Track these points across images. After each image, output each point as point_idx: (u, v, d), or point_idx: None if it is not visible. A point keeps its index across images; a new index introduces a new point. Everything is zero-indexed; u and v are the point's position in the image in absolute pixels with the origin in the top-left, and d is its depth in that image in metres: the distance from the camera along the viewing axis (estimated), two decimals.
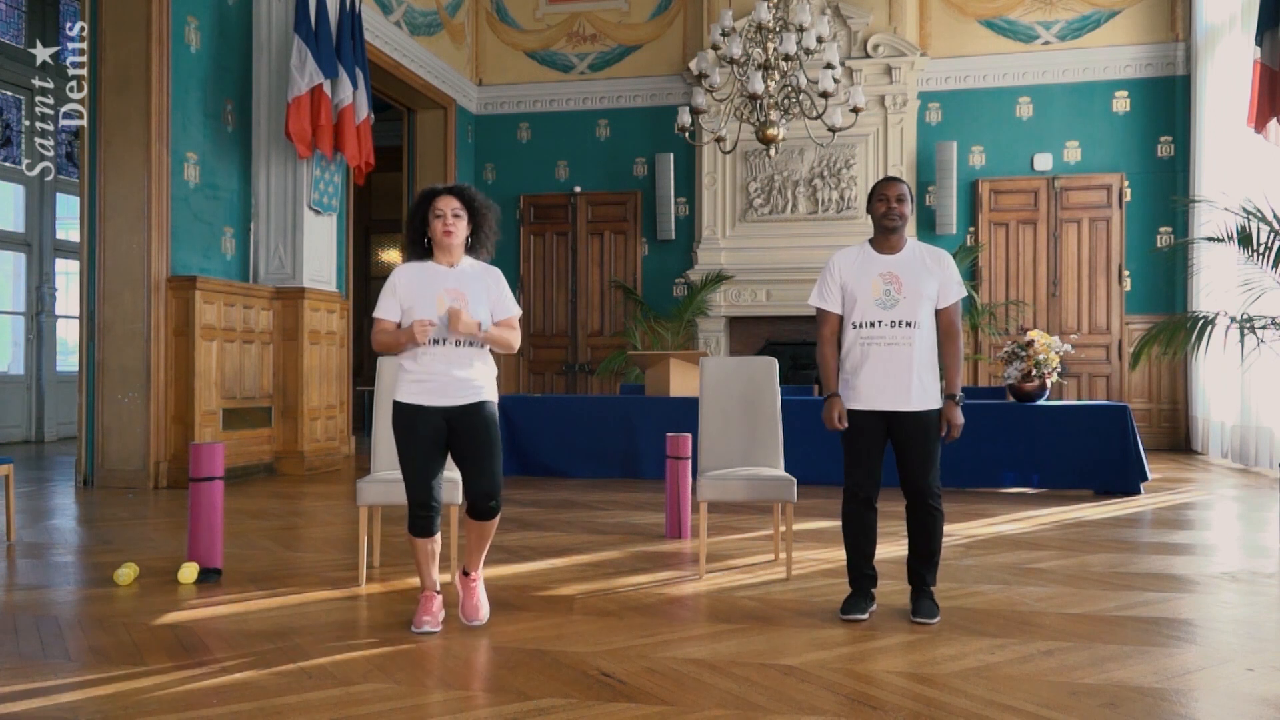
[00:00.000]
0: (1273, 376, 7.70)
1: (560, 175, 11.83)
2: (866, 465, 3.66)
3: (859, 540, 3.72)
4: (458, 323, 3.32)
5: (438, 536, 3.51)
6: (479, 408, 3.46)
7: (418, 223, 3.47)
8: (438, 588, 3.57)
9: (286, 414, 8.16)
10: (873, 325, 3.61)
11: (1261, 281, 6.23)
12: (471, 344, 3.44)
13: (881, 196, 3.66)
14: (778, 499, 4.26)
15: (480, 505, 3.46)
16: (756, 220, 10.92)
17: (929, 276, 3.62)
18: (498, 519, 3.56)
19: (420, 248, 3.50)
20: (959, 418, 3.61)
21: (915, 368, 3.59)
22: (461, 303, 3.38)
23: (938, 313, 3.67)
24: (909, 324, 3.59)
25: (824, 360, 3.75)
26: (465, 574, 3.60)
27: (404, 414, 3.45)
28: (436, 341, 3.40)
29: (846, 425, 3.66)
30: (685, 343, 10.95)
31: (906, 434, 3.61)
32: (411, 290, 3.43)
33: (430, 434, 3.42)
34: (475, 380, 3.45)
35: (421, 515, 3.43)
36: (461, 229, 3.44)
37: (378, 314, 3.49)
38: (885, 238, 3.68)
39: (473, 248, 3.52)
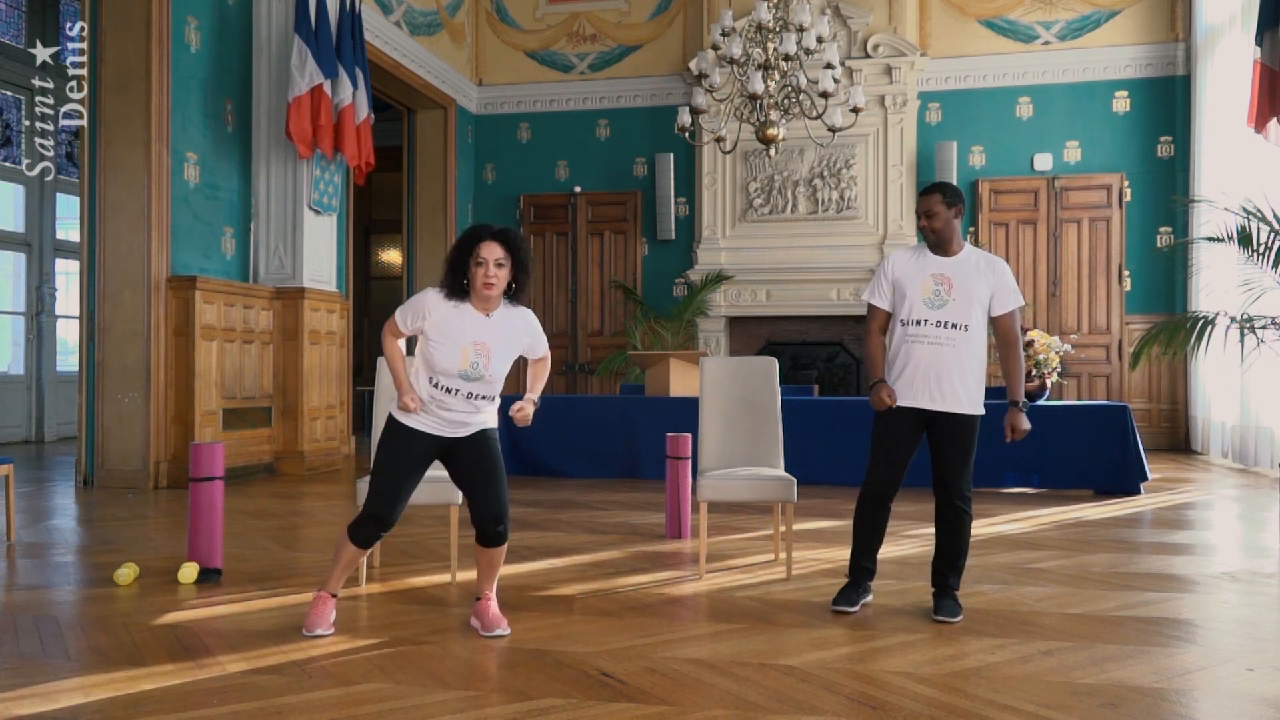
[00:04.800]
0: (1273, 376, 7.69)
1: (560, 175, 11.83)
2: (891, 464, 3.67)
3: (866, 534, 3.75)
4: (527, 420, 3.41)
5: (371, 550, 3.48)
6: (480, 435, 3.42)
7: (459, 263, 3.32)
8: (337, 593, 3.51)
9: (286, 414, 8.16)
10: (919, 324, 3.62)
11: (1261, 281, 6.23)
12: (485, 397, 3.37)
13: (916, 212, 3.73)
14: (778, 499, 4.27)
15: (489, 530, 3.40)
16: (756, 220, 10.92)
17: (981, 282, 3.62)
18: (506, 546, 3.49)
19: (459, 287, 3.34)
20: (1023, 423, 3.64)
21: (960, 370, 3.59)
22: (485, 359, 3.29)
23: (994, 320, 3.68)
24: (955, 325, 3.59)
25: (870, 351, 3.78)
26: (478, 598, 3.52)
27: (399, 432, 3.39)
28: (450, 390, 3.32)
29: (895, 403, 3.63)
30: (685, 343, 10.95)
31: (944, 435, 3.63)
32: (441, 329, 3.31)
33: (418, 458, 3.38)
34: (478, 418, 3.41)
35: (371, 531, 3.36)
36: (503, 280, 3.30)
37: (396, 315, 3.40)
38: (934, 245, 3.69)
39: (512, 295, 3.39)
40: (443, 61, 11.05)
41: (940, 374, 3.59)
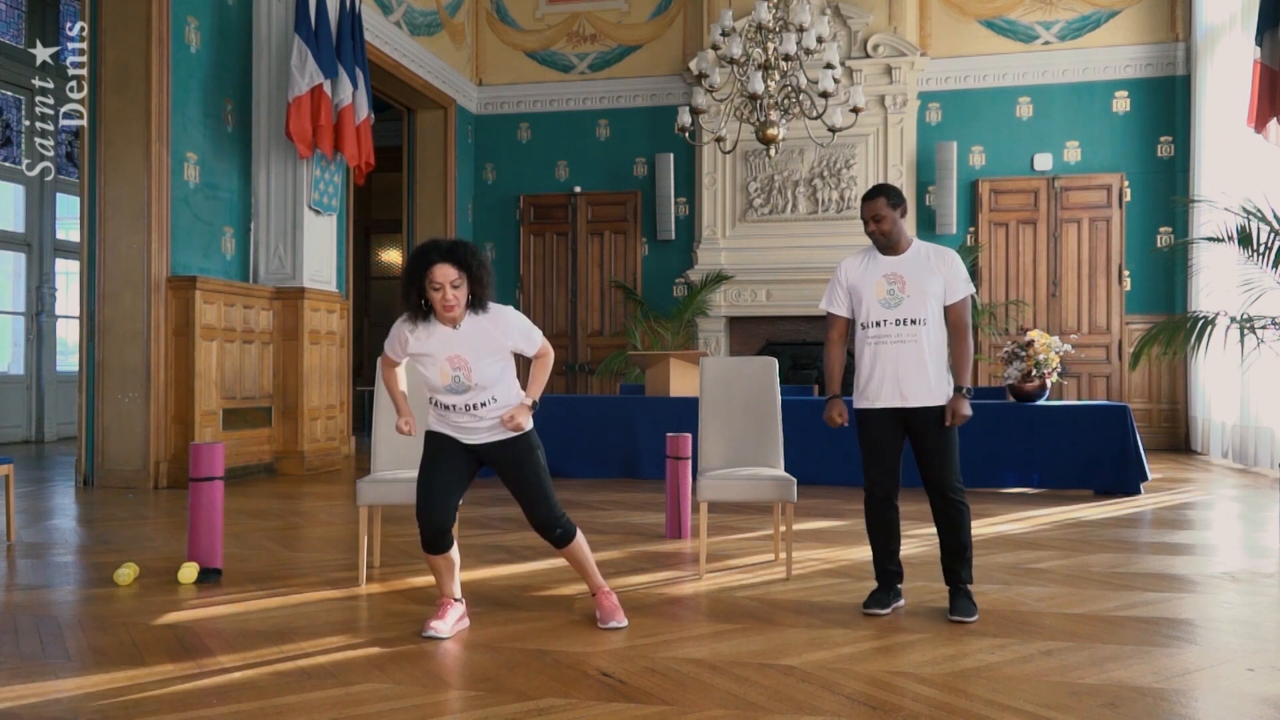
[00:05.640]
0: (1273, 376, 7.69)
1: (560, 175, 11.83)
2: (883, 464, 3.70)
3: (880, 537, 3.76)
4: (518, 425, 3.32)
5: (453, 550, 3.47)
6: (514, 444, 3.41)
7: (414, 286, 3.27)
8: (457, 596, 3.50)
9: (286, 414, 8.16)
10: (879, 325, 3.65)
11: (1261, 281, 6.23)
12: (485, 404, 3.35)
13: (862, 219, 3.73)
14: (778, 499, 4.27)
15: (548, 536, 3.44)
16: (756, 220, 10.92)
17: (933, 274, 3.65)
18: (580, 537, 3.52)
19: (418, 309, 3.33)
20: (965, 409, 3.62)
21: (924, 364, 3.61)
22: (465, 370, 3.30)
23: (946, 309, 3.70)
24: (914, 321, 3.62)
25: (828, 362, 3.85)
26: (593, 594, 3.59)
27: (429, 438, 3.44)
28: (449, 407, 3.35)
29: (846, 423, 3.74)
30: (685, 343, 10.95)
31: (921, 431, 3.65)
32: (418, 353, 3.33)
33: (457, 460, 3.41)
34: (496, 422, 3.41)
35: (428, 536, 3.37)
36: (462, 299, 3.26)
37: (387, 349, 3.46)
38: (884, 248, 3.72)
39: (473, 303, 3.33)
40: (443, 61, 11.05)
41: (907, 371, 3.61)
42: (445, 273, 3.23)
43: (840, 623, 3.57)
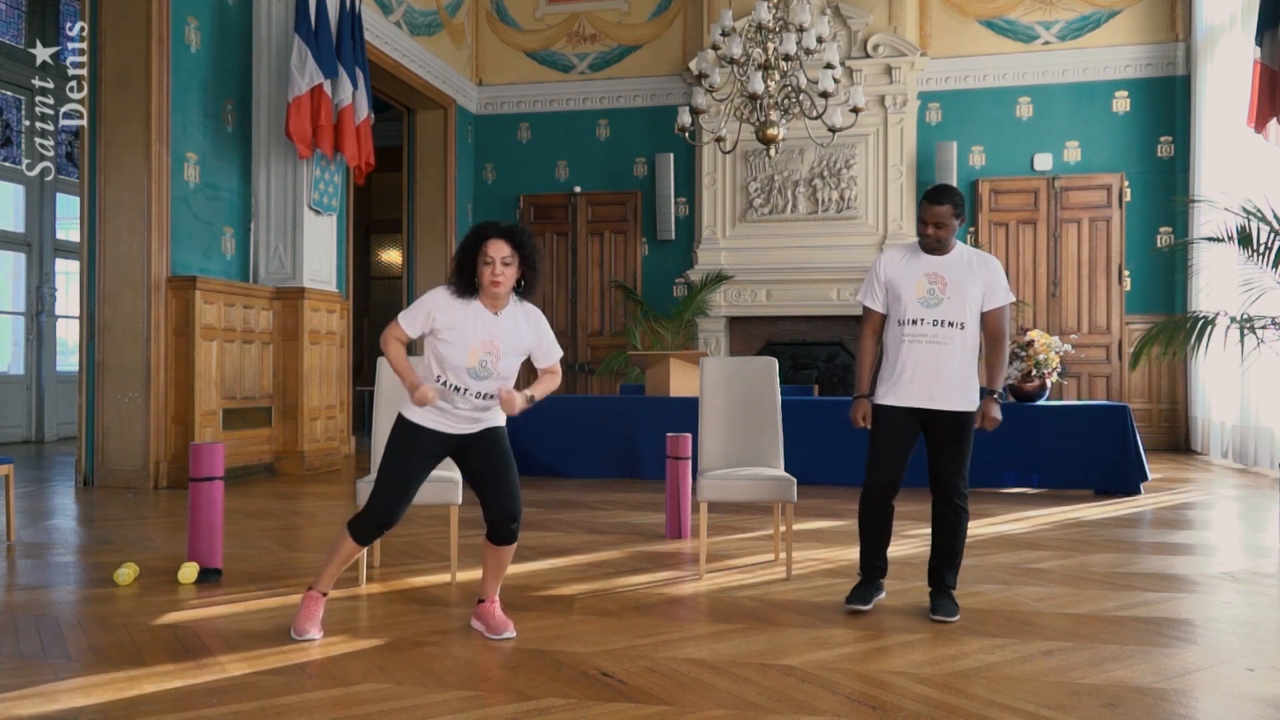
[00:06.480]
0: (1273, 376, 7.70)
1: (560, 175, 11.83)
2: (890, 463, 3.68)
3: (872, 535, 3.77)
4: (512, 407, 3.23)
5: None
6: (490, 432, 3.41)
7: (466, 261, 3.30)
8: (327, 592, 3.46)
9: (286, 414, 8.15)
10: (915, 323, 3.63)
11: (1261, 281, 6.23)
12: (493, 395, 3.33)
13: (921, 219, 3.65)
14: (778, 499, 4.27)
15: (502, 528, 3.38)
16: (756, 220, 10.92)
17: (974, 279, 3.63)
18: (515, 545, 3.48)
19: (467, 284, 3.32)
20: (996, 413, 3.62)
21: (955, 368, 3.60)
22: (494, 357, 3.28)
23: (984, 316, 3.68)
24: (951, 324, 3.60)
25: (860, 357, 3.81)
26: (481, 601, 3.49)
27: (408, 429, 3.37)
28: (459, 389, 3.30)
29: (870, 426, 3.70)
30: (685, 343, 10.95)
31: (940, 433, 3.64)
32: (450, 326, 3.29)
33: (427, 456, 3.36)
34: (488, 415, 3.41)
35: (374, 528, 3.33)
36: (510, 277, 3.28)
37: (401, 319, 3.37)
38: (931, 250, 3.68)
39: (521, 290, 3.37)
40: (443, 61, 11.05)
41: (939, 373, 3.60)
42: (499, 248, 3.27)
43: (840, 623, 3.57)
